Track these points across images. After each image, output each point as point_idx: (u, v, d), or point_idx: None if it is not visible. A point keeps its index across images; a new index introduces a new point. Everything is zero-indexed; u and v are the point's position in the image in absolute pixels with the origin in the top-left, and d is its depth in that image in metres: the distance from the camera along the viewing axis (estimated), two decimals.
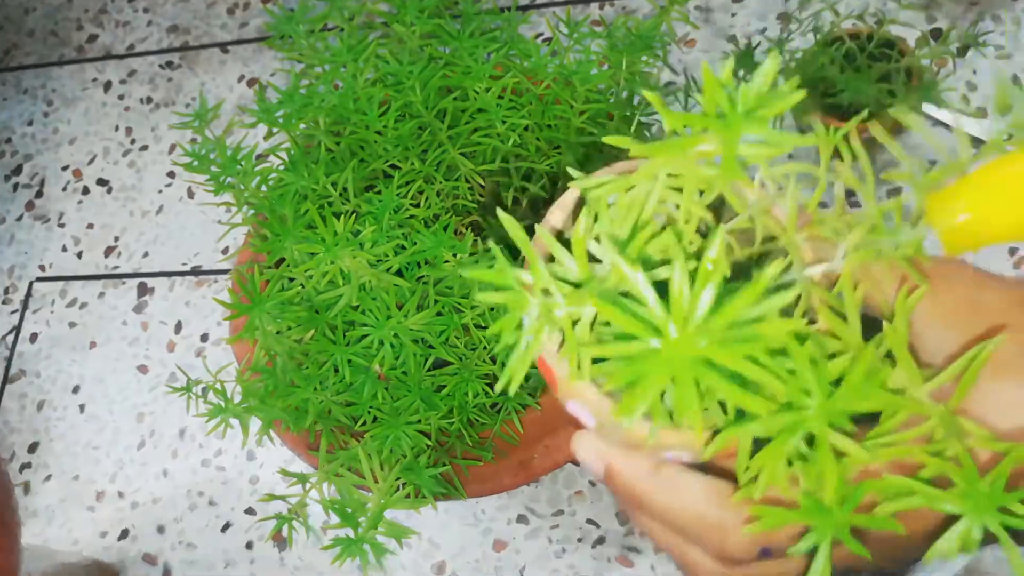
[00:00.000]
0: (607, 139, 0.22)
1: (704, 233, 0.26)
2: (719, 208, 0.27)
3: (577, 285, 0.24)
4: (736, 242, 0.26)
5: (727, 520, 0.26)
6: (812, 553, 0.23)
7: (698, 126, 0.21)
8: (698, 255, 0.25)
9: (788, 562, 0.26)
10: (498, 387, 0.23)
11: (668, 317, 0.19)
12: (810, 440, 0.22)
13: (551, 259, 0.25)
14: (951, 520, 0.23)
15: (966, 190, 0.22)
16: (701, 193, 0.25)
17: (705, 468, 0.27)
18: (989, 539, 0.23)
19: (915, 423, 0.24)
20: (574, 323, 0.23)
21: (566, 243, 0.25)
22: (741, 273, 0.27)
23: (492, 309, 0.50)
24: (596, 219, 0.25)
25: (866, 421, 0.25)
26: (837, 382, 0.23)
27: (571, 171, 0.23)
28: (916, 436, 0.24)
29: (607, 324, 0.23)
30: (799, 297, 0.25)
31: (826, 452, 0.22)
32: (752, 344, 0.19)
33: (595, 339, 0.24)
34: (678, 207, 0.25)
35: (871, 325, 0.26)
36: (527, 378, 0.55)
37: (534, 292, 0.23)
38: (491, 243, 0.22)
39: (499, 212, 0.23)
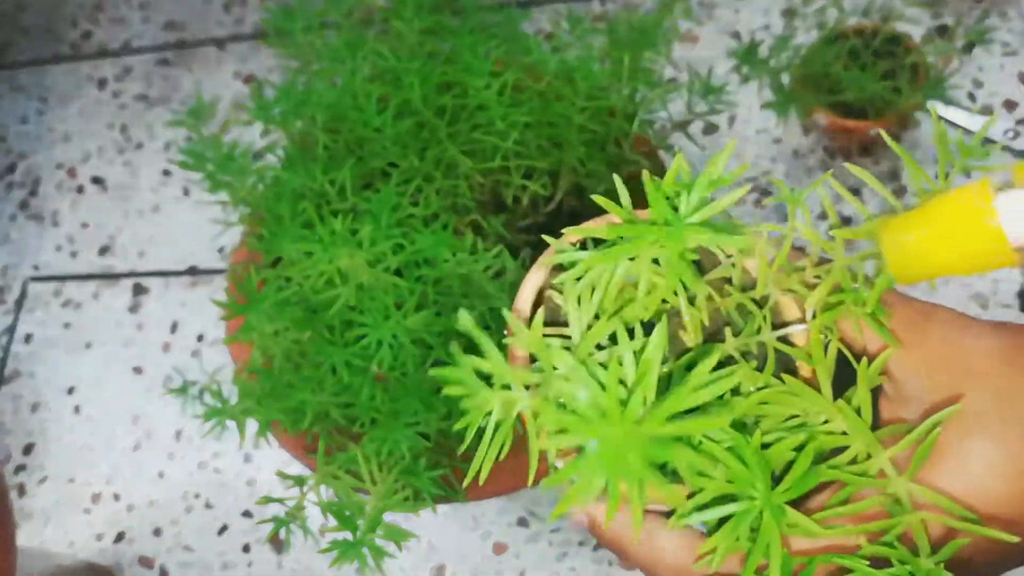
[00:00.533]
0: (598, 199, 0.24)
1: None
2: (703, 259, 0.29)
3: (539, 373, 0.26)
4: (717, 293, 0.27)
5: (700, 574, 0.27)
6: None
7: (649, 234, 0.24)
8: (676, 312, 0.27)
9: None
10: (468, 477, 0.26)
11: (604, 416, 0.21)
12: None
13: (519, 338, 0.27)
14: None
15: (914, 223, 0.23)
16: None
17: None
18: None
19: (872, 494, 0.25)
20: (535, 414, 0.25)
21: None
22: (723, 324, 0.28)
23: (491, 309, 0.50)
24: (565, 296, 0.27)
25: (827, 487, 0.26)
26: (800, 448, 0.25)
27: (547, 239, 0.26)
28: (863, 510, 0.25)
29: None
30: (766, 359, 0.27)
31: (771, 537, 0.24)
32: (691, 432, 0.22)
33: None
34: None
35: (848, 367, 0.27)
36: None
37: (495, 387, 0.25)
38: (452, 346, 0.24)
39: (461, 317, 0.24)
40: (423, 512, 0.52)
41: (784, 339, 0.27)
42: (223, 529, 0.75)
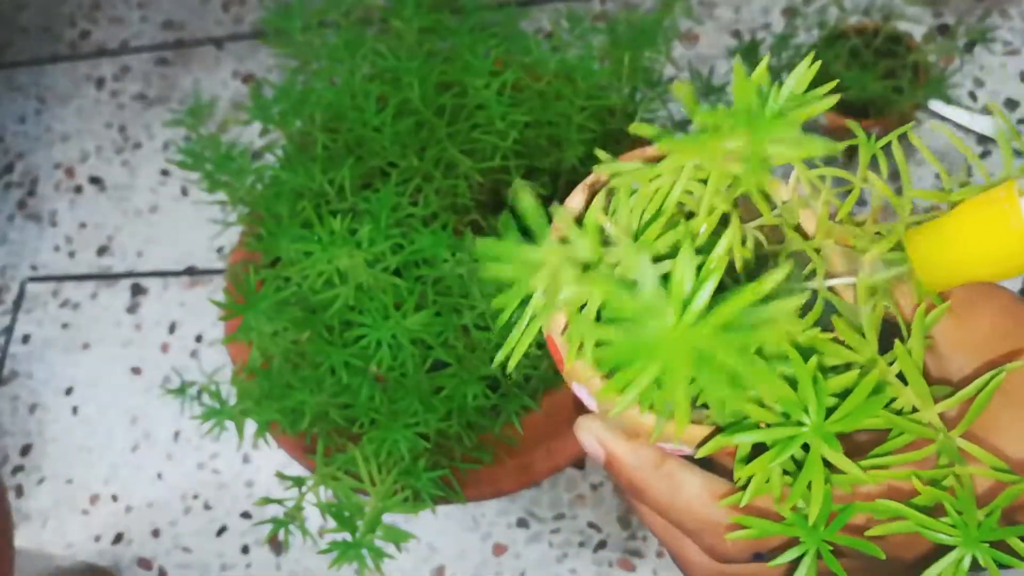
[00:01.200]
0: (633, 128, 0.21)
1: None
2: (749, 202, 0.27)
3: (587, 267, 0.23)
4: (766, 237, 0.26)
5: (723, 520, 0.26)
6: (798, 562, 0.24)
7: (728, 124, 0.20)
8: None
9: (780, 567, 0.26)
10: (496, 360, 0.23)
11: (666, 304, 0.19)
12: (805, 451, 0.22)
13: (565, 241, 0.24)
14: (946, 547, 0.23)
15: (940, 229, 0.23)
16: (730, 186, 0.24)
17: (708, 462, 0.27)
18: (980, 569, 0.23)
19: (920, 445, 0.24)
20: (581, 305, 0.23)
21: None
22: (766, 268, 0.26)
23: (494, 313, 0.50)
24: (616, 205, 0.25)
25: (876, 434, 0.25)
26: (843, 395, 0.23)
27: (599, 153, 0.23)
28: (917, 459, 0.24)
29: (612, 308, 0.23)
30: (815, 305, 0.25)
31: (815, 471, 0.22)
32: (748, 342, 0.19)
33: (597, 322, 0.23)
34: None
35: (895, 336, 0.26)
36: (527, 379, 0.55)
37: (543, 270, 0.22)
38: (503, 217, 0.21)
39: (516, 181, 0.22)
40: (422, 513, 0.52)
41: (832, 290, 0.26)
42: (222, 530, 0.75)
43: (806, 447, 0.22)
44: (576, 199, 0.27)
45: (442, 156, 0.53)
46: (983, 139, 0.71)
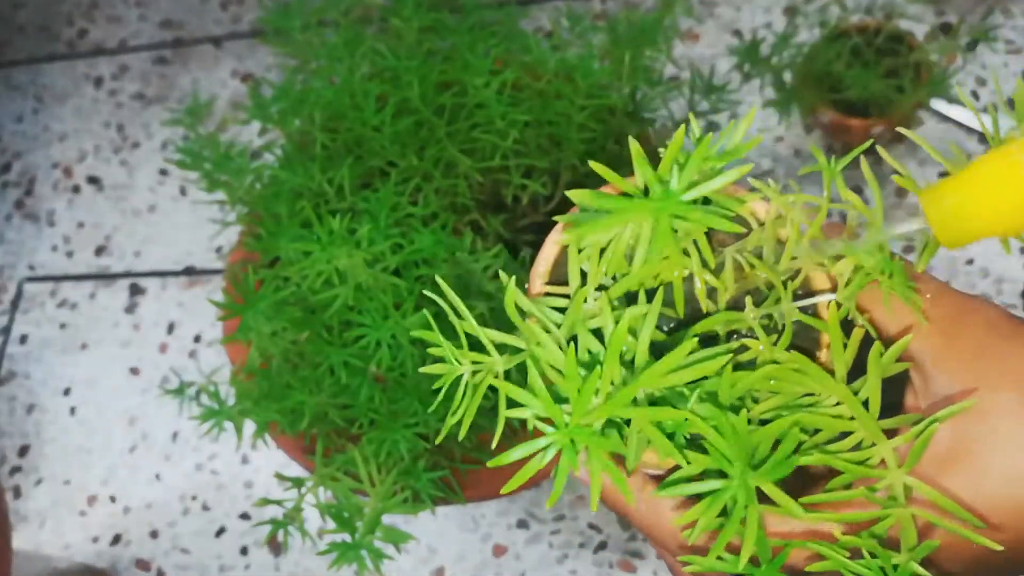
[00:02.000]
0: (594, 166, 0.24)
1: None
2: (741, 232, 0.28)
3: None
4: (747, 263, 0.27)
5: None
6: None
7: (634, 208, 0.24)
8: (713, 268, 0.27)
9: None
10: (442, 433, 0.27)
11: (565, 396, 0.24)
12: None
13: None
14: None
15: (957, 184, 0.23)
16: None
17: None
18: None
19: (872, 480, 0.25)
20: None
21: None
22: (746, 293, 0.28)
23: (491, 309, 0.50)
24: (570, 265, 0.27)
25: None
26: (776, 444, 0.25)
27: (594, 165, 0.25)
28: (852, 499, 0.25)
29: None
30: (783, 331, 0.26)
31: (746, 516, 0.24)
32: (655, 416, 0.24)
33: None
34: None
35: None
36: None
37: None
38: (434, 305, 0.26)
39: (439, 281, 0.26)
40: (422, 514, 0.51)
41: (813, 313, 0.27)
42: (220, 531, 0.74)
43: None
44: (548, 251, 0.29)
45: (442, 156, 0.53)
46: (985, 139, 0.70)
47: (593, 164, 0.24)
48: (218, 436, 0.52)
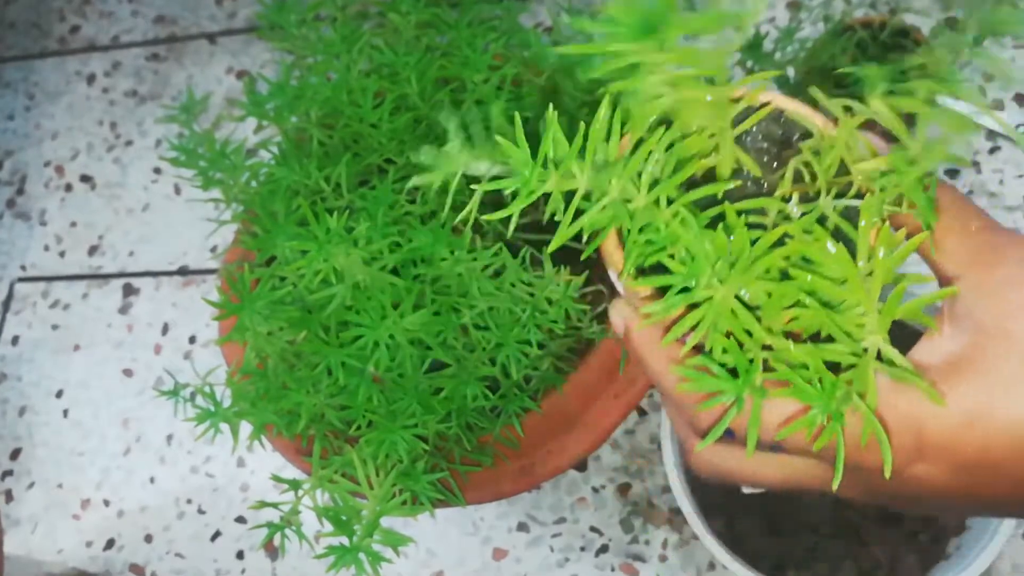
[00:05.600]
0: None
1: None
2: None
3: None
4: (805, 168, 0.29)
5: (700, 397, 0.29)
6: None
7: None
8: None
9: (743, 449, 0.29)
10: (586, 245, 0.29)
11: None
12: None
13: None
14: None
15: None
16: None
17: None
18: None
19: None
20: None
21: None
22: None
23: (490, 308, 0.49)
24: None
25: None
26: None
27: None
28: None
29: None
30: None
31: (733, 313, 0.26)
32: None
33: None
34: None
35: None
36: (527, 380, 0.54)
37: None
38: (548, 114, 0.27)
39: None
40: (421, 517, 0.51)
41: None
42: (216, 535, 0.74)
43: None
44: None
45: None
46: (992, 134, 0.70)
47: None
48: (214, 438, 0.51)
